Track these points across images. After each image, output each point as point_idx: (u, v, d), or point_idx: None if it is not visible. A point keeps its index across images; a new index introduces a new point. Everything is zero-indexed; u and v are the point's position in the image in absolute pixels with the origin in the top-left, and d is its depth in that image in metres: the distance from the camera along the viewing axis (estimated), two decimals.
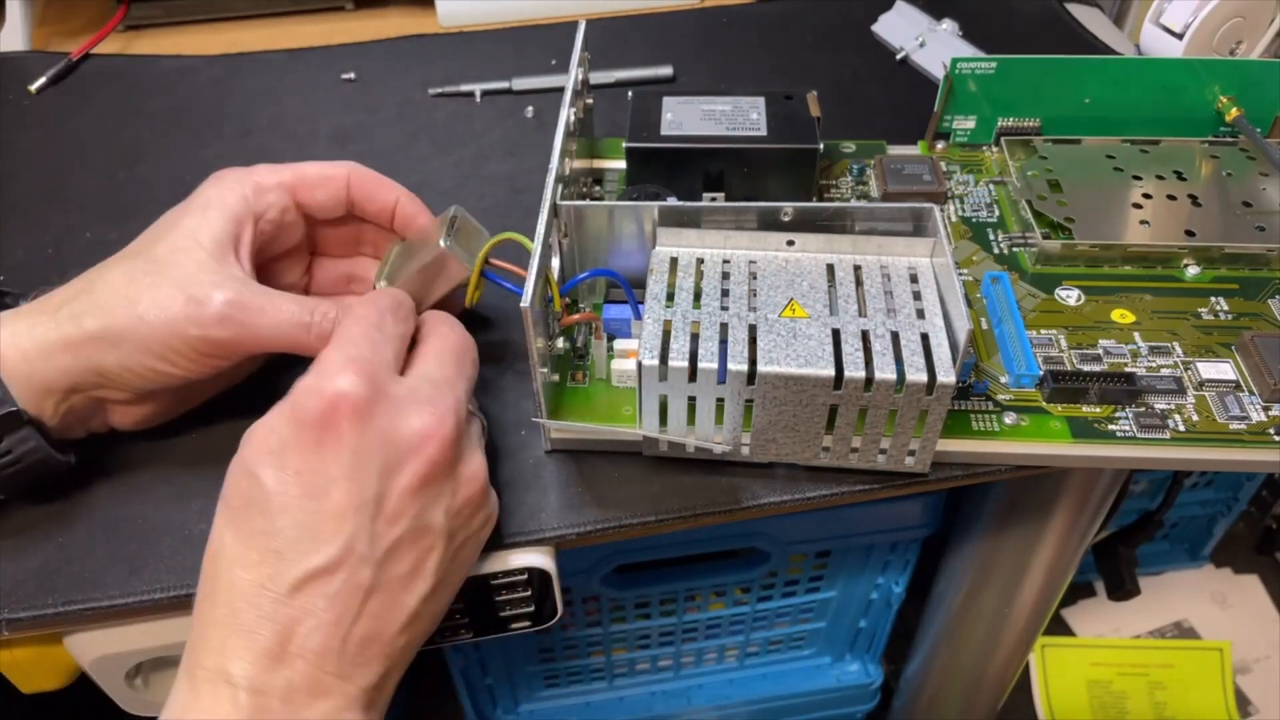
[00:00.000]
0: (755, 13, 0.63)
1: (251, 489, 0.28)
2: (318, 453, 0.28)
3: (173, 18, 0.64)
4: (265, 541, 0.27)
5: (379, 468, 0.28)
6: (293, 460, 0.28)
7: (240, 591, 0.27)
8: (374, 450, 0.28)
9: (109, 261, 0.33)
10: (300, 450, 0.28)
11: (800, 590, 0.65)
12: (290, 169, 0.36)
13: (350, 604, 0.27)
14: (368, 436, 0.28)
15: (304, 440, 0.28)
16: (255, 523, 0.27)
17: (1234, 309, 0.40)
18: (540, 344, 0.33)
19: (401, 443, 0.29)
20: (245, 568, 0.27)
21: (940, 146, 0.48)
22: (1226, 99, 0.46)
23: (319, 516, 0.27)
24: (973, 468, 0.36)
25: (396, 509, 0.28)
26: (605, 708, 0.73)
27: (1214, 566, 0.99)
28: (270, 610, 0.27)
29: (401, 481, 0.29)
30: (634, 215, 0.36)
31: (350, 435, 0.28)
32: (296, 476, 0.27)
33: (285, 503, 0.27)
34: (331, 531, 0.27)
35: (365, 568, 0.28)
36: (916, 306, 0.34)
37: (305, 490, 0.27)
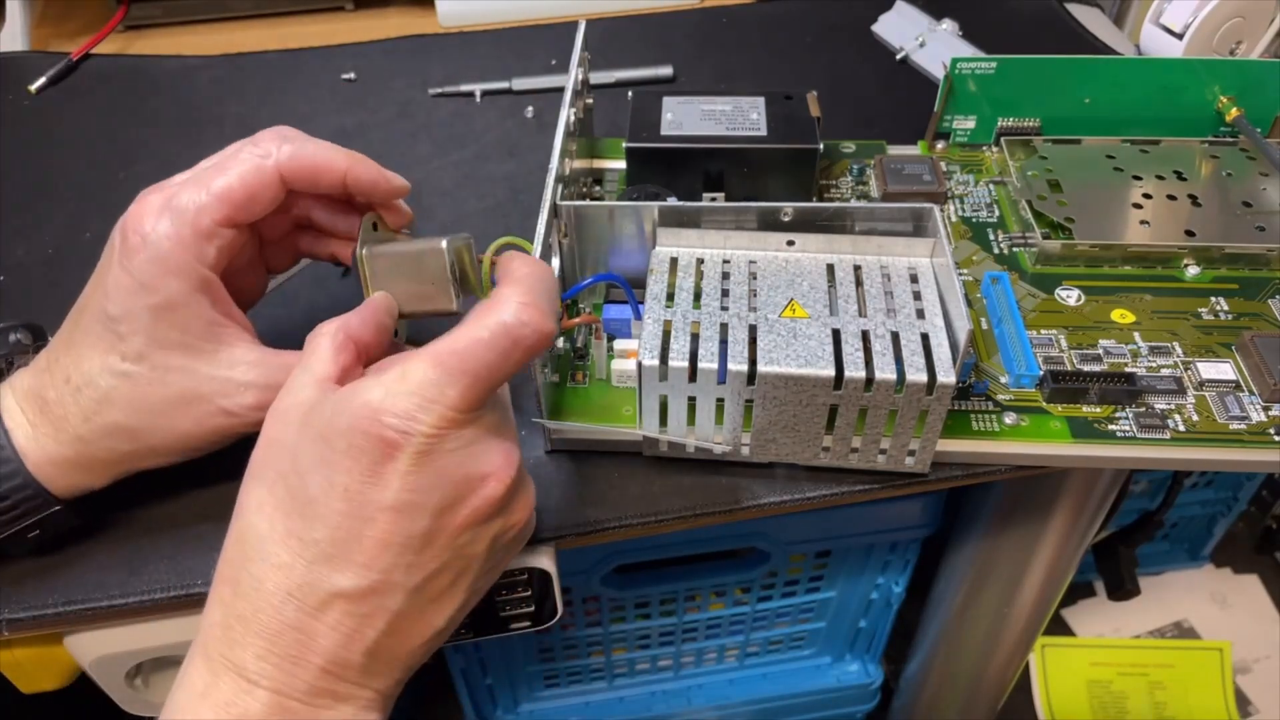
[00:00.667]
0: (755, 13, 0.63)
1: (297, 485, 0.26)
2: (372, 478, 0.26)
3: (173, 18, 0.64)
4: (299, 547, 0.26)
5: (435, 506, 0.27)
6: (343, 475, 0.26)
7: (267, 593, 0.26)
8: (433, 489, 0.26)
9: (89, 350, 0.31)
10: (354, 469, 0.26)
11: (800, 590, 0.65)
12: (214, 198, 0.31)
13: (376, 624, 0.27)
14: (428, 475, 0.26)
15: (360, 461, 0.26)
16: (292, 522, 0.26)
17: (1234, 309, 0.40)
18: None
19: (463, 483, 0.27)
20: (274, 567, 0.26)
21: (940, 146, 0.48)
22: (1226, 99, 0.46)
23: (359, 540, 0.26)
24: (973, 468, 0.36)
25: (443, 543, 0.27)
26: (605, 708, 0.73)
27: (1214, 566, 0.99)
28: (295, 619, 0.26)
29: (454, 519, 0.27)
30: (634, 215, 0.36)
31: (411, 473, 0.26)
32: (344, 493, 0.26)
33: (327, 514, 0.26)
34: (370, 558, 0.26)
35: (399, 594, 0.27)
36: (916, 306, 0.34)
37: (350, 510, 0.26)
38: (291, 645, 0.26)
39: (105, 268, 0.31)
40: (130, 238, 0.30)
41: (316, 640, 0.26)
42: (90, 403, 0.31)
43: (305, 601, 0.26)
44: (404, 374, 0.26)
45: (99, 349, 0.30)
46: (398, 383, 0.26)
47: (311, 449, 0.26)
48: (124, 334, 0.30)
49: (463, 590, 0.29)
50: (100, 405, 0.31)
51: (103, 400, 0.30)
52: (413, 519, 0.26)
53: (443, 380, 0.26)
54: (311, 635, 0.26)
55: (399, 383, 0.26)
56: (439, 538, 0.27)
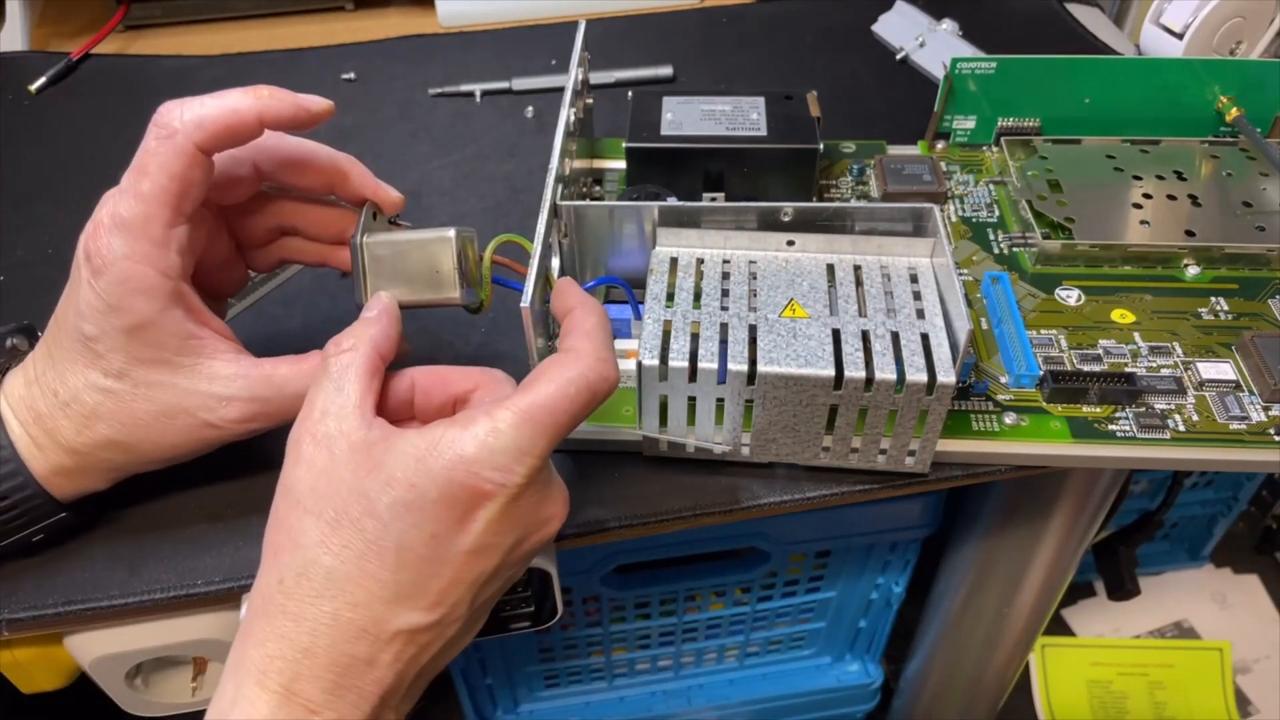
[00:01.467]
0: (755, 13, 0.63)
1: (374, 528, 0.27)
2: (457, 526, 0.27)
3: (173, 18, 0.64)
4: (377, 588, 0.27)
5: (508, 545, 0.28)
6: (430, 524, 0.27)
7: (339, 630, 0.26)
8: (509, 534, 0.28)
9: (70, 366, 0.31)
10: (442, 519, 0.27)
11: (800, 590, 0.65)
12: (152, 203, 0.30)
13: (432, 651, 0.28)
14: (507, 523, 0.28)
15: (449, 511, 0.27)
16: (371, 566, 0.27)
17: (1234, 309, 0.40)
18: (540, 344, 0.33)
19: (533, 526, 0.29)
20: (349, 605, 0.27)
21: (940, 146, 0.48)
22: (1226, 99, 0.46)
23: (436, 581, 0.27)
24: (973, 468, 0.36)
25: (503, 575, 0.29)
26: (605, 708, 0.73)
27: (1214, 566, 0.99)
28: (366, 654, 0.27)
29: (517, 554, 0.29)
30: (634, 215, 0.36)
31: (494, 522, 0.27)
32: (429, 540, 0.27)
33: (410, 559, 0.27)
34: (443, 594, 0.27)
35: (456, 625, 0.28)
36: (916, 306, 0.34)
37: (433, 555, 0.27)
38: (358, 678, 0.27)
39: (75, 284, 0.30)
40: (93, 259, 0.29)
41: (378, 671, 0.27)
42: (79, 418, 0.31)
43: (377, 637, 0.27)
44: (496, 429, 0.27)
45: (80, 366, 0.30)
46: (492, 438, 0.27)
47: (391, 493, 0.27)
48: (102, 352, 0.30)
49: (488, 613, 0.31)
50: (89, 420, 0.31)
51: (91, 415, 0.31)
52: (487, 559, 0.28)
53: (535, 435, 0.27)
54: (375, 667, 0.27)
55: (493, 438, 0.27)
56: (502, 571, 0.29)
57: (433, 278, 0.33)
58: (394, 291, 0.33)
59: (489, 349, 0.41)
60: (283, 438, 0.29)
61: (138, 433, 0.31)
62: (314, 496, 0.27)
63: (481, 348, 0.41)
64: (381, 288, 0.33)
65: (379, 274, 0.33)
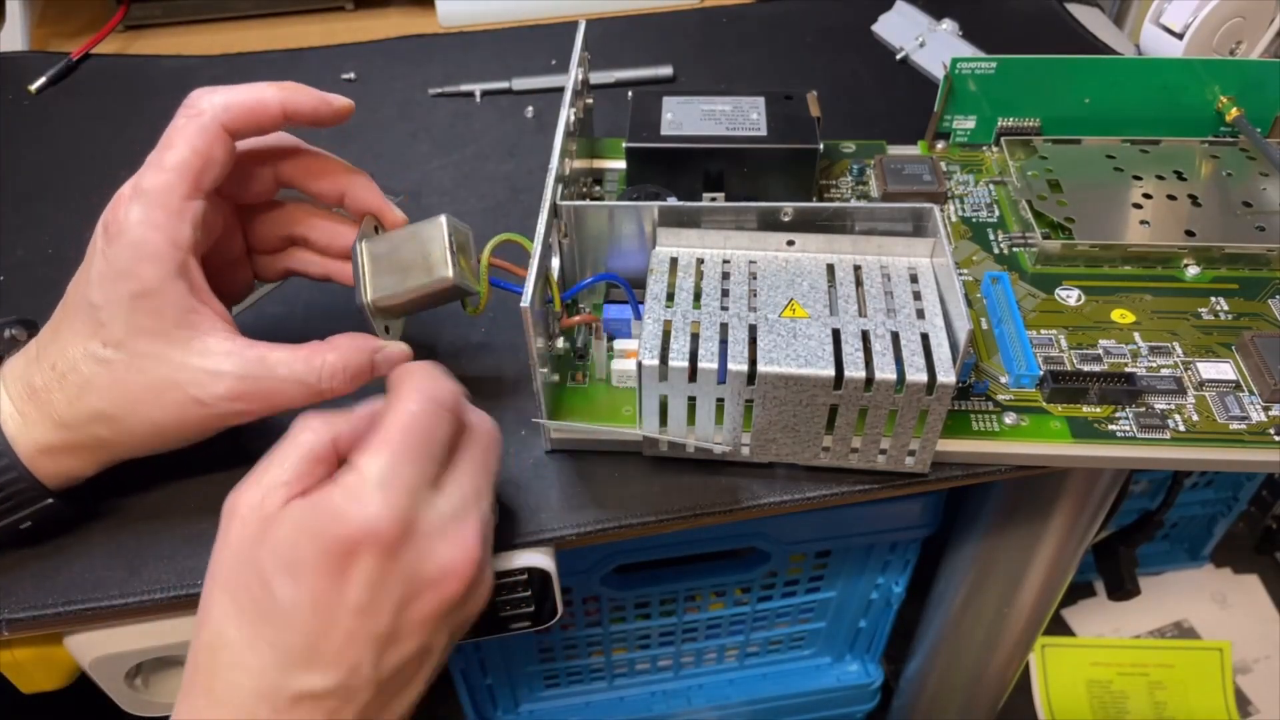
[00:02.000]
0: (755, 13, 0.63)
1: (263, 596, 0.27)
2: (337, 580, 0.27)
3: (173, 18, 0.64)
4: (270, 653, 0.27)
5: (396, 602, 0.27)
6: (308, 580, 0.27)
7: (241, 699, 0.27)
8: (395, 586, 0.27)
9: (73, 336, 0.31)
10: (317, 574, 0.27)
11: (800, 590, 0.65)
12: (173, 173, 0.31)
13: (345, 717, 0.27)
14: (391, 574, 0.27)
15: (326, 565, 0.27)
16: (262, 630, 0.27)
17: (1234, 309, 0.40)
18: (540, 344, 0.33)
19: (425, 579, 0.28)
20: (247, 673, 0.27)
21: (940, 146, 0.48)
22: (1226, 99, 0.46)
23: (327, 641, 0.27)
24: (973, 468, 0.36)
25: (407, 637, 0.28)
26: (605, 708, 0.73)
27: (1214, 566, 0.99)
28: (270, 717, 0.27)
29: (416, 614, 0.28)
30: (634, 215, 0.36)
31: (374, 571, 0.27)
32: (311, 597, 0.27)
33: (295, 621, 0.27)
34: (337, 656, 0.27)
35: (365, 690, 0.28)
36: (916, 306, 0.34)
37: (317, 613, 0.27)
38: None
39: (89, 259, 0.32)
40: (110, 227, 0.31)
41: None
42: (73, 388, 0.31)
43: (276, 702, 0.27)
44: (355, 471, 0.27)
45: (82, 335, 0.31)
46: (353, 479, 0.27)
47: (275, 557, 0.27)
48: (104, 320, 0.31)
49: (422, 680, 0.30)
50: (82, 391, 0.31)
51: (84, 386, 0.31)
52: (377, 617, 0.27)
53: (391, 464, 0.27)
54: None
55: (354, 479, 0.27)
56: (403, 633, 0.28)
57: (426, 263, 0.34)
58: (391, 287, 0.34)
59: (489, 349, 0.41)
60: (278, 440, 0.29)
61: (126, 406, 0.31)
62: (224, 571, 0.28)
63: (481, 348, 0.41)
64: (380, 283, 0.34)
65: (377, 271, 0.34)
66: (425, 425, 0.28)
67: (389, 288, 0.34)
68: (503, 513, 0.35)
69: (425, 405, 0.29)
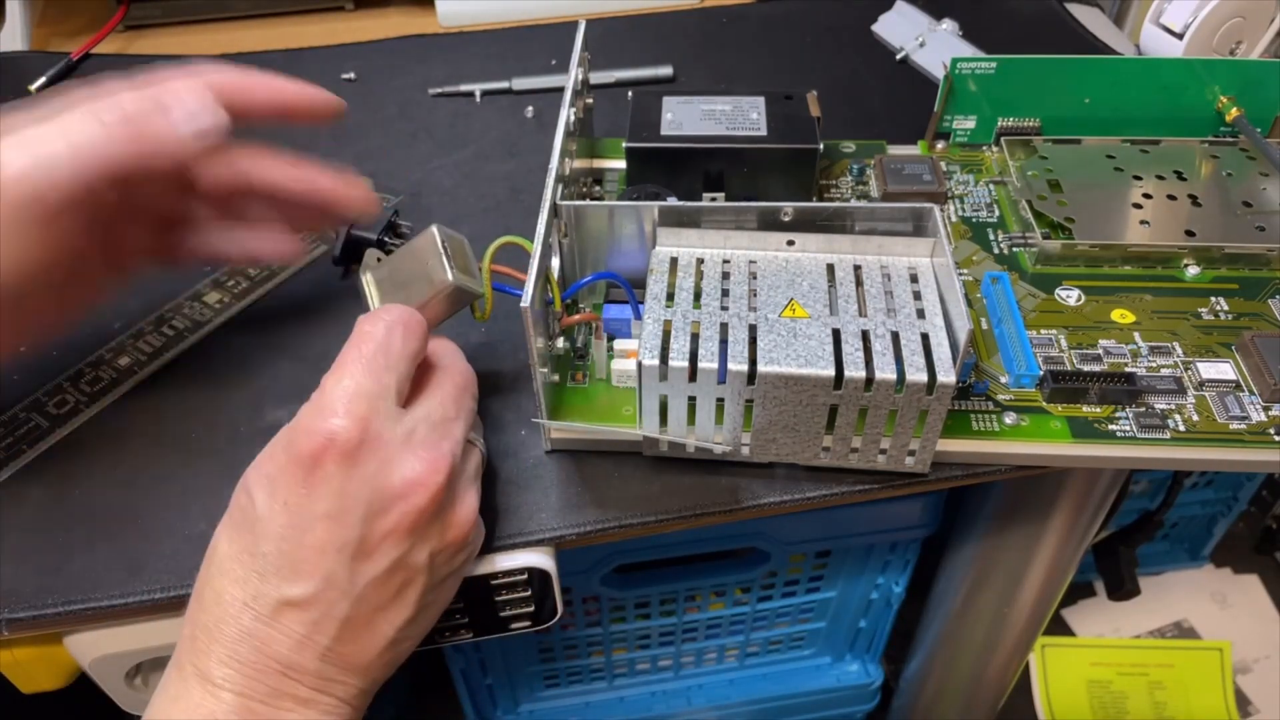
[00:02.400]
0: (755, 13, 0.63)
1: (246, 507, 0.29)
2: (305, 488, 0.28)
3: (173, 18, 0.64)
4: (250, 561, 0.28)
5: (363, 512, 0.28)
6: (282, 490, 0.28)
7: (226, 604, 0.28)
8: (360, 494, 0.28)
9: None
10: (289, 483, 0.28)
11: (800, 590, 0.65)
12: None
13: (327, 630, 0.28)
14: (354, 481, 0.28)
15: (294, 474, 0.28)
16: (244, 540, 0.29)
17: (1234, 309, 0.40)
18: (540, 344, 0.33)
19: (389, 490, 0.29)
20: (232, 581, 0.28)
21: (940, 146, 0.48)
22: (1226, 99, 0.46)
23: (301, 549, 0.28)
24: (973, 468, 0.36)
25: (378, 550, 0.29)
26: (605, 708, 0.73)
27: (1214, 566, 0.99)
28: (251, 627, 0.28)
29: (385, 525, 0.29)
30: (634, 215, 0.36)
31: (337, 477, 0.28)
32: (284, 507, 0.28)
33: (271, 529, 0.28)
34: (311, 566, 0.28)
35: (343, 601, 0.29)
36: (916, 306, 0.34)
37: (290, 521, 0.28)
38: (250, 651, 0.28)
39: None
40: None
41: (272, 646, 0.28)
42: None
43: (260, 610, 0.28)
44: (322, 388, 0.29)
45: None
46: (318, 395, 0.29)
47: (257, 471, 0.29)
48: None
49: (411, 603, 0.30)
50: None
51: None
52: (346, 525, 0.28)
53: (354, 376, 0.29)
54: (267, 641, 0.28)
55: (318, 395, 0.29)
56: (374, 544, 0.29)
57: (425, 273, 0.34)
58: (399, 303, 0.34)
59: (489, 349, 0.41)
60: None
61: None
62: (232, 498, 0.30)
63: (481, 348, 0.41)
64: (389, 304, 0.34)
65: (384, 294, 0.36)
66: (383, 340, 0.30)
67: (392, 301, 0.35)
68: (503, 513, 0.35)
69: (379, 323, 0.31)
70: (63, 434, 0.38)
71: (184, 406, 0.39)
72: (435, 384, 0.32)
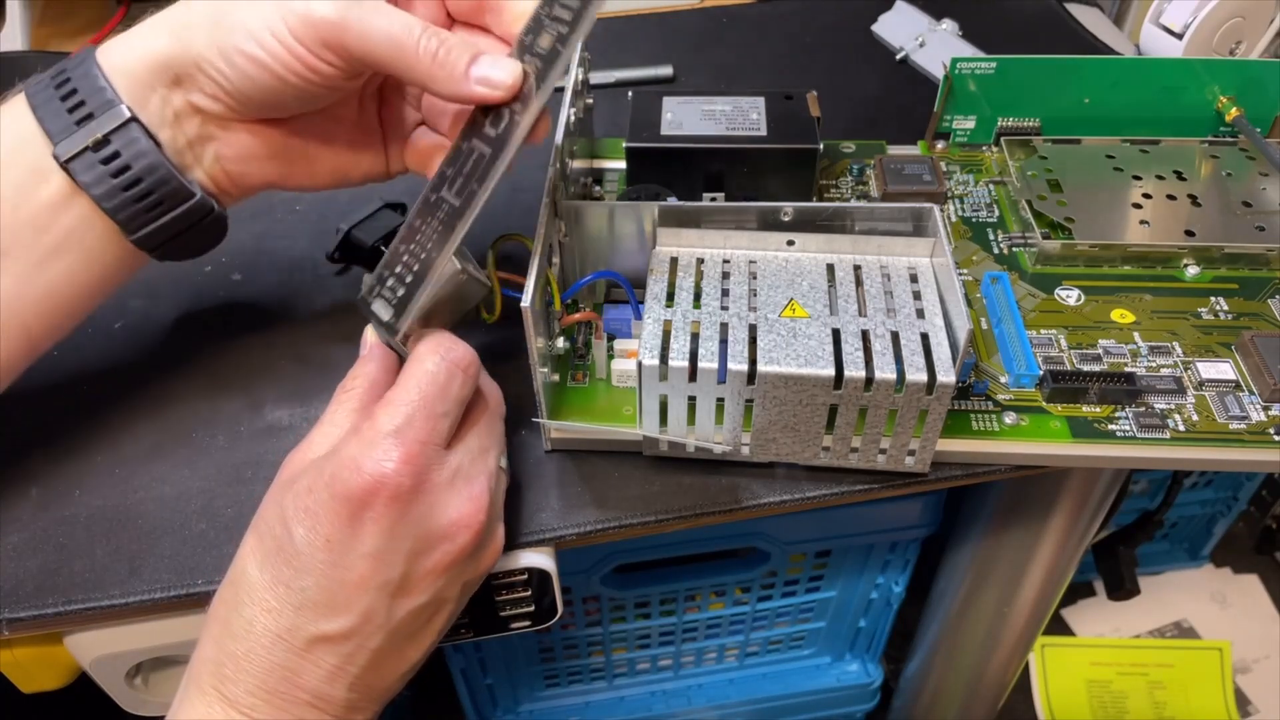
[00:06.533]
0: (755, 13, 0.63)
1: (284, 538, 0.28)
2: (350, 527, 0.28)
3: None
4: (287, 594, 0.28)
5: (408, 552, 0.28)
6: (325, 526, 0.28)
7: (258, 635, 0.28)
8: (406, 535, 0.28)
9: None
10: (334, 520, 0.28)
11: (800, 590, 0.65)
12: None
13: (358, 661, 0.29)
14: (402, 523, 0.28)
15: (339, 512, 0.28)
16: (281, 571, 0.28)
17: (1234, 309, 0.40)
18: (540, 344, 0.33)
19: (435, 531, 0.29)
20: (266, 612, 0.28)
21: (940, 146, 0.48)
22: (1226, 99, 0.46)
23: (341, 586, 0.28)
24: (973, 468, 0.36)
25: (418, 586, 0.29)
26: (605, 707, 0.73)
27: (1214, 566, 0.99)
28: (283, 658, 0.28)
29: (427, 564, 0.29)
30: (634, 215, 0.36)
31: (386, 519, 0.28)
32: (326, 543, 0.28)
33: (311, 564, 0.28)
34: (351, 601, 0.28)
35: (378, 635, 0.29)
36: (916, 306, 0.34)
37: (332, 558, 0.28)
38: (280, 682, 0.28)
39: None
40: None
41: (302, 677, 0.28)
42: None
43: (293, 643, 0.28)
44: (371, 424, 0.29)
45: None
46: (369, 431, 0.29)
47: (295, 502, 0.28)
48: None
49: (437, 630, 0.31)
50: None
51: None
52: (389, 564, 0.28)
53: (407, 418, 0.29)
54: (298, 673, 0.28)
55: (369, 431, 0.29)
56: (415, 581, 0.29)
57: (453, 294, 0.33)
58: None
59: (489, 349, 0.41)
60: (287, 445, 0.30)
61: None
62: (259, 514, 0.29)
63: (481, 348, 0.41)
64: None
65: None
66: (441, 383, 0.30)
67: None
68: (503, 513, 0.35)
69: (442, 365, 0.30)
70: (63, 434, 0.38)
71: (184, 406, 0.39)
72: (475, 413, 0.32)
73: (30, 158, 0.31)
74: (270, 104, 0.32)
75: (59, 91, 0.31)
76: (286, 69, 0.30)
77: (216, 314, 0.43)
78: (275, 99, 0.31)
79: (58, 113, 0.30)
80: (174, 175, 0.32)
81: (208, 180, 0.34)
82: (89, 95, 0.30)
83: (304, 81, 0.31)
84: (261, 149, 0.34)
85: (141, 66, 0.31)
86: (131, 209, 0.31)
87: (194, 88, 0.31)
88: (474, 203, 0.30)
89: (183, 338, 0.42)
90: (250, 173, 0.34)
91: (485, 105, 0.31)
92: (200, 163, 0.33)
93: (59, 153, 0.30)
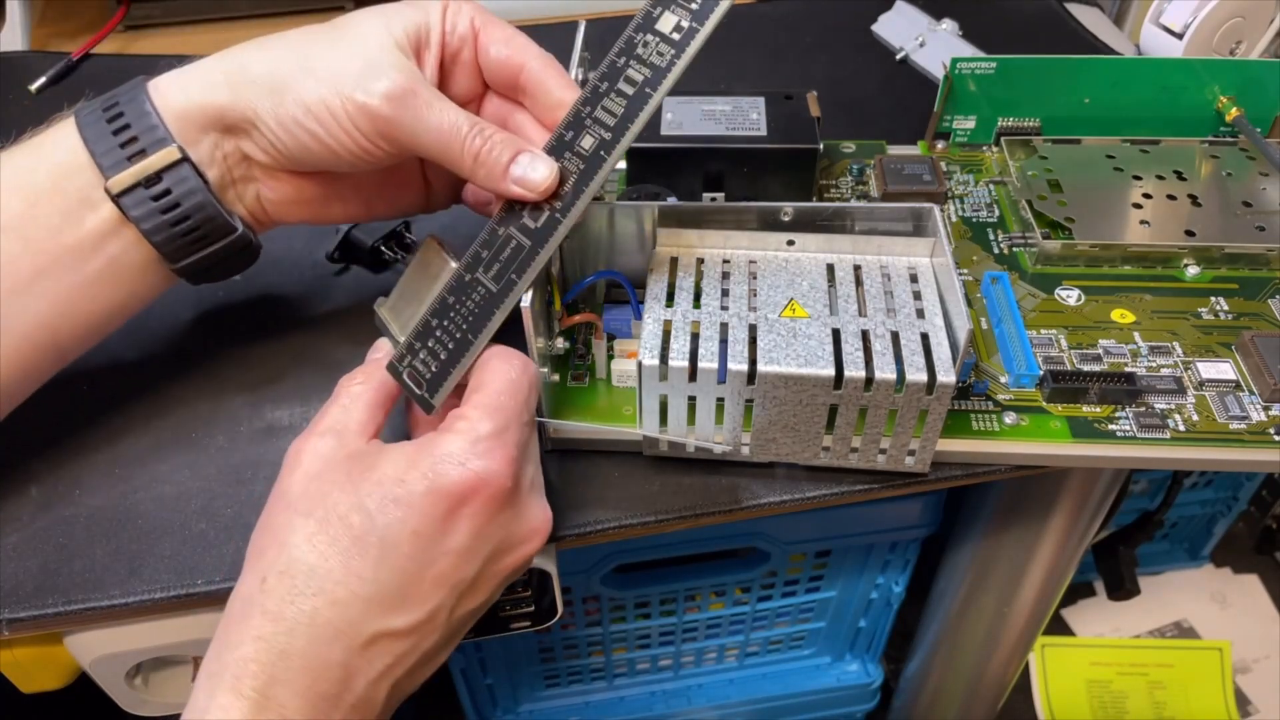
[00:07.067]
0: (755, 13, 0.63)
1: (364, 530, 0.27)
2: (442, 524, 0.28)
3: (173, 18, 0.64)
4: (359, 586, 0.27)
5: (488, 553, 0.29)
6: (414, 520, 0.27)
7: (319, 629, 0.26)
8: (492, 537, 0.29)
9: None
10: (425, 513, 0.27)
11: (800, 590, 0.65)
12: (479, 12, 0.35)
13: (406, 663, 0.28)
14: (491, 524, 0.28)
15: (435, 504, 0.27)
16: (355, 563, 0.27)
17: (1234, 309, 0.40)
18: (540, 344, 0.33)
19: (515, 536, 0.30)
20: (331, 604, 0.27)
21: (940, 146, 0.48)
22: (1226, 99, 0.46)
23: (418, 581, 0.28)
24: (973, 468, 0.36)
25: (483, 588, 0.29)
26: (605, 708, 0.73)
27: (1214, 566, 0.99)
28: (342, 657, 0.27)
29: (497, 567, 0.30)
30: (634, 215, 0.36)
31: (480, 517, 0.28)
32: (413, 536, 0.27)
33: (393, 558, 0.27)
34: (424, 597, 0.28)
35: (435, 634, 0.29)
36: (916, 306, 0.34)
37: (415, 552, 0.27)
38: (332, 684, 0.27)
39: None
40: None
41: (354, 679, 0.27)
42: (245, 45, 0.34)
43: (353, 640, 0.27)
44: (470, 423, 0.28)
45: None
46: (469, 429, 0.28)
47: (380, 490, 0.28)
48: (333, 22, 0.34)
49: (463, 633, 0.31)
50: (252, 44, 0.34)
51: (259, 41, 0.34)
52: (469, 563, 0.28)
53: (504, 422, 0.29)
54: (351, 674, 0.27)
55: (470, 429, 0.28)
56: (483, 582, 0.29)
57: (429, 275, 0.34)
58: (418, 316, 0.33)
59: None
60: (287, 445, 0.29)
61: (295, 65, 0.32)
62: (305, 499, 0.28)
63: None
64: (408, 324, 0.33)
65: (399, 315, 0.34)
66: (525, 393, 0.30)
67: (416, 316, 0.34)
68: None
69: (524, 376, 0.30)
70: (63, 434, 0.38)
71: (184, 406, 0.39)
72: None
73: (79, 185, 0.31)
74: (320, 167, 0.33)
75: (111, 125, 0.31)
76: (340, 146, 0.32)
77: (216, 314, 0.43)
78: (325, 165, 0.33)
79: (109, 144, 0.31)
80: (220, 213, 0.32)
81: (247, 214, 0.35)
82: (141, 130, 0.31)
83: (355, 158, 0.32)
84: (306, 193, 0.35)
85: (197, 110, 0.32)
86: (177, 242, 0.32)
87: (247, 139, 0.32)
88: (513, 292, 0.31)
89: (183, 337, 0.42)
90: (291, 212, 0.35)
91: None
92: (242, 199, 0.34)
93: (110, 186, 0.31)
